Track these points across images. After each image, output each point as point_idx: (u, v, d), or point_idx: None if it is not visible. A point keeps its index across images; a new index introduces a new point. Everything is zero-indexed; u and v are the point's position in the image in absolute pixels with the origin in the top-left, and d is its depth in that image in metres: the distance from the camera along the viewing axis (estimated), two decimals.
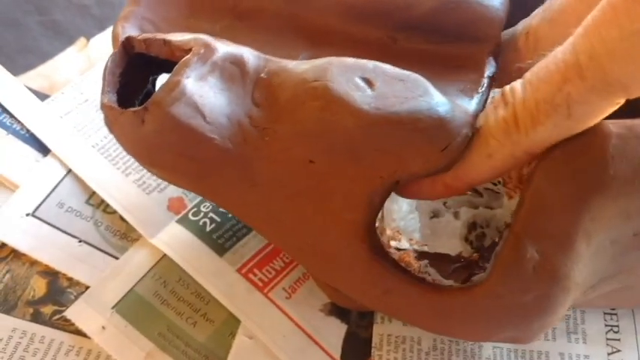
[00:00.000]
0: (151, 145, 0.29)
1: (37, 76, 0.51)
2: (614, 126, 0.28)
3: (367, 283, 0.31)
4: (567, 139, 0.28)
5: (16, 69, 0.51)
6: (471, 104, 0.30)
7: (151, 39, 0.30)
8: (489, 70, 0.32)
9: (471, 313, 0.30)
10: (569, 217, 0.28)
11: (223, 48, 0.30)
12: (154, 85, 0.33)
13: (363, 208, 0.30)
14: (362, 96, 0.28)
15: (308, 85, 0.29)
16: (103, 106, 0.29)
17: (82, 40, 0.52)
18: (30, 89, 0.50)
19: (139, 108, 0.29)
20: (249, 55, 0.30)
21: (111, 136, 0.47)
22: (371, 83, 0.29)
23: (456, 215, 0.39)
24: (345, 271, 0.31)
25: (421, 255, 0.34)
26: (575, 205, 0.28)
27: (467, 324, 0.31)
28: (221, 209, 0.44)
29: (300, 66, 0.30)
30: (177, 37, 0.30)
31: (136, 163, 0.46)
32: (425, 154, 0.28)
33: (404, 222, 0.37)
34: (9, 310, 0.41)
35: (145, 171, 0.46)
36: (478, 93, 0.31)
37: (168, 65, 0.31)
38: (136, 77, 0.32)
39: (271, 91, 0.30)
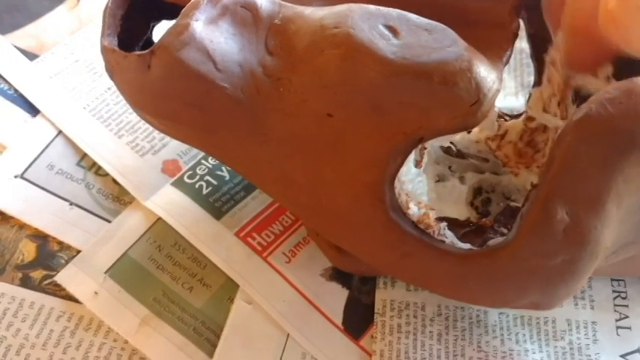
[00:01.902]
0: (157, 92, 0.25)
1: (26, 35, 0.46)
2: None
3: (384, 246, 0.27)
4: (602, 96, 0.24)
5: (3, 28, 0.46)
6: (497, 59, 0.26)
7: None
8: (514, 25, 0.28)
9: (493, 278, 0.26)
10: (602, 177, 0.24)
11: None
12: (152, 33, 0.29)
13: (383, 166, 0.26)
14: (387, 44, 0.24)
15: (327, 32, 0.25)
16: (104, 49, 0.25)
17: None
18: (18, 48, 0.45)
19: (145, 52, 0.24)
20: None
21: (103, 98, 0.43)
22: (396, 32, 0.25)
23: (462, 180, 0.36)
24: (361, 233, 0.27)
25: (439, 217, 0.30)
26: (609, 165, 0.24)
27: (489, 289, 0.27)
28: (217, 172, 0.40)
29: (317, 12, 0.26)
30: None
31: (129, 125, 0.42)
32: (453, 108, 0.24)
33: (412, 185, 0.33)
34: None
35: (138, 132, 0.42)
36: (504, 49, 0.27)
37: (171, 10, 0.26)
38: (135, 23, 0.27)
39: (286, 39, 0.25)
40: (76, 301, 0.36)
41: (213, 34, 0.25)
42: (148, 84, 0.25)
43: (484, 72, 0.25)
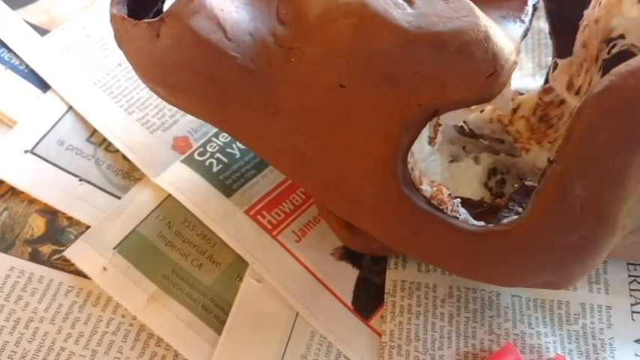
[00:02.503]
0: (167, 62, 0.24)
1: (37, 10, 0.45)
2: None
3: (396, 221, 0.27)
4: (624, 68, 0.24)
5: (14, 2, 0.45)
6: (515, 31, 0.26)
7: None
8: None
9: (507, 255, 0.26)
10: (622, 151, 0.24)
11: None
12: (164, 5, 0.28)
13: (396, 139, 0.25)
14: (401, 14, 0.24)
15: (341, 0, 0.24)
16: (113, 18, 0.25)
17: None
18: (29, 24, 0.45)
19: (154, 20, 0.24)
20: None
21: (114, 74, 0.43)
22: (411, 1, 0.24)
23: (477, 160, 0.35)
24: (372, 208, 0.27)
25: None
26: (630, 139, 0.24)
27: (502, 266, 0.26)
28: (228, 150, 0.40)
29: None
30: None
31: (140, 101, 0.42)
32: (469, 79, 0.24)
33: (425, 164, 0.32)
34: (6, 249, 0.36)
35: (149, 109, 0.41)
36: (522, 21, 0.26)
37: None
38: None
39: (299, 8, 0.25)
40: (84, 276, 0.36)
41: (224, 3, 0.24)
42: (157, 53, 0.24)
43: (501, 43, 0.24)
